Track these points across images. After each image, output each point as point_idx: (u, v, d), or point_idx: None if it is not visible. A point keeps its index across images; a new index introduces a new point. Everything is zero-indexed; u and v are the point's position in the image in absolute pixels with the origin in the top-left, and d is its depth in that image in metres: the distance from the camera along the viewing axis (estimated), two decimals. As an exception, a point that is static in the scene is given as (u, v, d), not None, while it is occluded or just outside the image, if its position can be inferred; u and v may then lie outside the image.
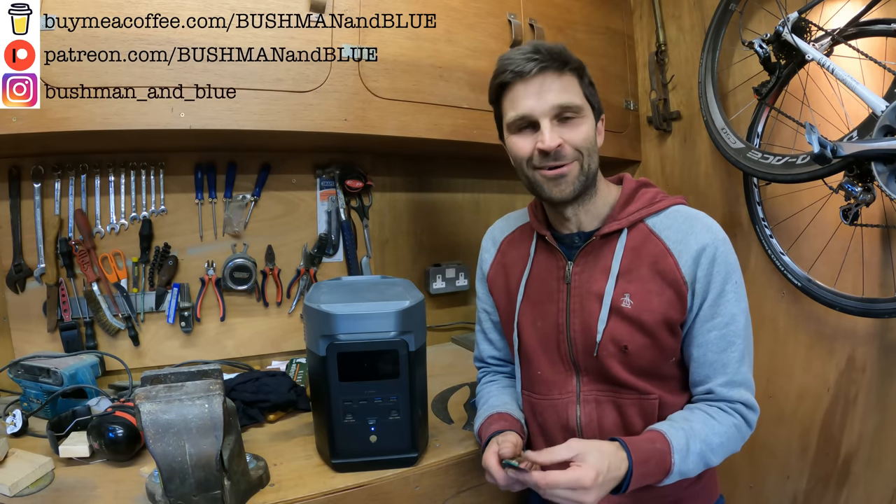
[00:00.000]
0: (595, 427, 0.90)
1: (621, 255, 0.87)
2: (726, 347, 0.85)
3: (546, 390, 0.95)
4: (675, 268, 0.85)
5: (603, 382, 0.90)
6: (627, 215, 0.89)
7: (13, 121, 1.00)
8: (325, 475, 0.95)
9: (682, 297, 0.85)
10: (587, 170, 0.86)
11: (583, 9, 1.63)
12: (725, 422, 0.84)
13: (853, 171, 1.08)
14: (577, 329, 0.90)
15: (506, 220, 1.08)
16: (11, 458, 0.91)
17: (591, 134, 0.87)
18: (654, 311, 0.85)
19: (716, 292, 0.84)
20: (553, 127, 0.84)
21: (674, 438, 0.80)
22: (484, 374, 1.13)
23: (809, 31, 1.22)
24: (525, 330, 0.97)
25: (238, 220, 1.46)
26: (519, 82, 0.84)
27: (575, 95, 0.85)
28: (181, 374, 0.82)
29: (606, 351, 0.87)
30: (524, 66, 0.82)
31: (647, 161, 1.82)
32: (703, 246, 0.84)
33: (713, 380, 0.86)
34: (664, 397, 0.88)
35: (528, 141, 0.86)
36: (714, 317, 0.85)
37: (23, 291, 1.30)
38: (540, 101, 0.83)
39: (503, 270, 1.03)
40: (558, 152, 0.83)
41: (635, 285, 0.86)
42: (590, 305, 0.89)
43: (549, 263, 0.95)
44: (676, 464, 0.78)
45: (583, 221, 0.92)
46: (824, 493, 1.35)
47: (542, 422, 0.96)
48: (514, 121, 0.86)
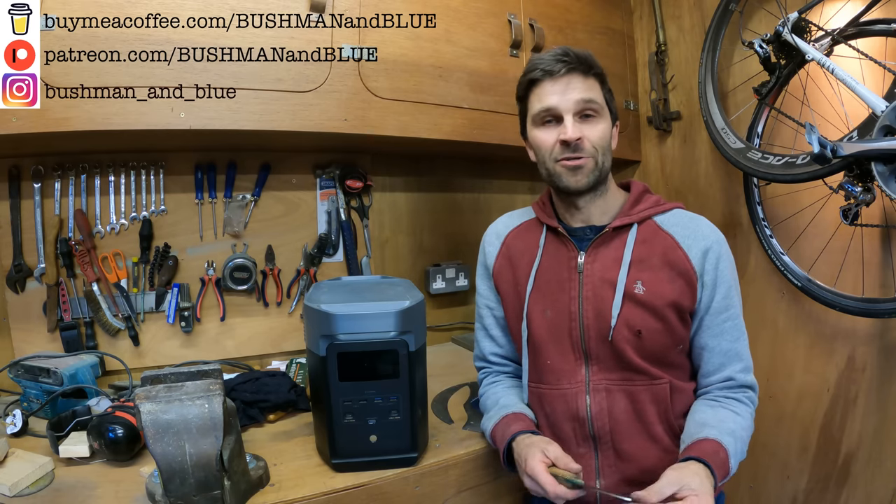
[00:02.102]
0: (605, 416, 0.92)
1: (632, 247, 0.93)
2: (739, 336, 0.93)
3: (555, 380, 0.96)
4: (686, 259, 0.91)
5: (614, 370, 0.92)
6: (637, 212, 0.96)
7: (13, 121, 1.00)
8: (325, 475, 0.95)
9: (692, 286, 0.91)
10: (601, 166, 0.93)
11: (583, 9, 1.63)
12: (746, 414, 0.90)
13: (853, 171, 1.08)
14: (590, 316, 0.93)
15: (509, 216, 1.11)
16: (11, 458, 0.91)
17: (608, 134, 0.95)
18: (665, 296, 0.90)
19: (726, 286, 0.91)
20: (575, 122, 0.91)
21: (728, 444, 0.84)
22: (486, 374, 1.12)
23: (809, 31, 1.22)
24: (534, 320, 0.98)
25: (238, 220, 1.46)
26: (548, 80, 0.92)
27: (597, 96, 0.93)
28: (181, 374, 0.82)
29: (621, 335, 0.91)
30: (554, 66, 0.91)
31: (647, 161, 1.82)
32: (710, 243, 0.92)
33: (730, 367, 0.92)
34: (674, 382, 0.93)
35: (552, 134, 0.93)
36: (728, 308, 0.92)
37: (23, 291, 1.30)
38: (565, 97, 0.91)
39: (509, 263, 1.05)
40: (577, 145, 0.91)
41: (647, 273, 0.92)
42: (603, 292, 0.93)
43: (560, 254, 0.98)
44: (733, 468, 0.84)
45: (593, 215, 0.97)
46: (824, 493, 1.35)
47: (549, 412, 0.97)
48: (539, 113, 0.94)
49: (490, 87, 1.42)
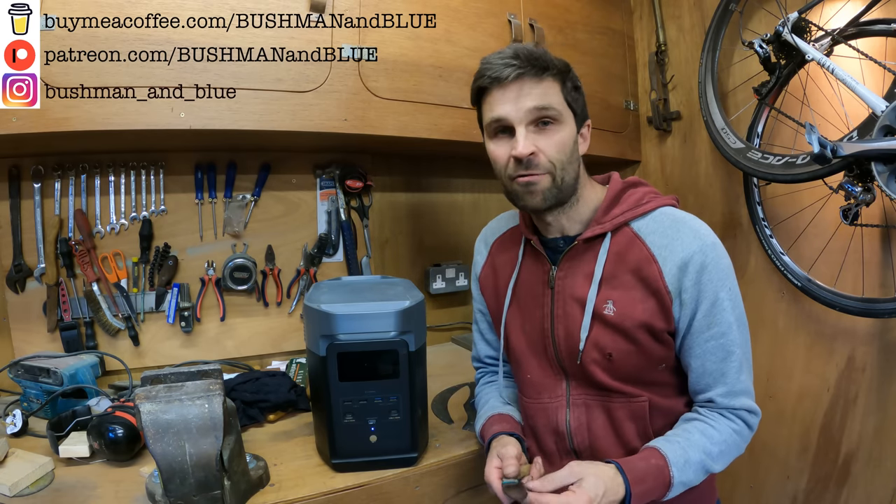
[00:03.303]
0: (585, 431, 0.89)
1: (604, 261, 0.85)
2: (725, 357, 0.83)
3: (536, 394, 0.94)
4: (659, 276, 0.82)
5: (590, 387, 0.89)
6: (611, 219, 0.86)
7: (13, 121, 1.00)
8: (325, 475, 0.95)
9: (664, 306, 0.82)
10: (560, 183, 0.83)
11: (583, 9, 1.63)
12: (724, 429, 0.83)
13: (853, 171, 1.08)
14: (560, 335, 0.89)
15: (497, 220, 1.07)
16: (11, 458, 0.91)
17: (569, 143, 0.84)
18: (636, 318, 0.83)
19: (709, 302, 0.81)
20: (528, 134, 0.81)
21: (669, 452, 0.79)
22: (482, 374, 1.13)
23: (809, 31, 1.22)
24: (514, 333, 0.96)
25: (238, 220, 1.46)
26: (496, 87, 0.82)
27: (554, 100, 0.82)
28: (181, 374, 0.82)
29: (590, 358, 0.86)
30: (501, 72, 0.80)
31: (647, 161, 1.82)
32: (690, 255, 0.81)
33: (713, 389, 0.84)
34: (654, 400, 0.86)
35: (504, 148, 0.84)
36: (710, 327, 0.82)
37: (23, 291, 1.30)
38: (516, 106, 0.81)
39: (493, 273, 1.02)
40: (531, 160, 0.81)
41: (618, 292, 0.84)
42: (573, 311, 0.87)
43: (536, 268, 0.93)
44: (676, 476, 0.78)
45: (565, 226, 0.89)
46: (824, 493, 1.35)
47: (532, 424, 0.96)
48: (490, 123, 0.85)
49: (490, 87, 1.42)
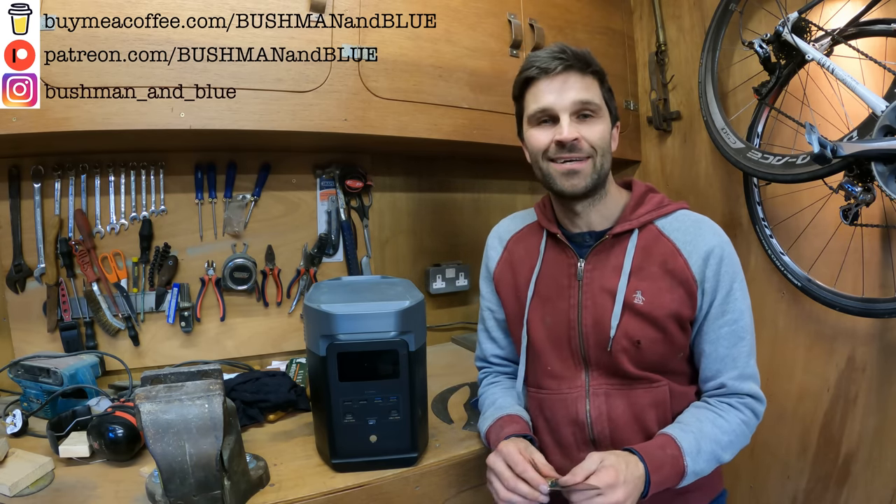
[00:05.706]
0: (605, 420, 0.92)
1: (633, 254, 0.91)
2: (736, 342, 0.89)
3: (555, 385, 0.96)
4: (686, 267, 0.89)
5: (613, 376, 0.92)
6: (638, 217, 0.93)
7: (13, 121, 1.00)
8: (325, 475, 0.95)
9: (692, 294, 0.89)
10: (599, 168, 0.90)
11: (583, 9, 1.63)
12: (733, 419, 0.88)
13: (853, 171, 1.08)
14: (588, 324, 0.92)
15: (512, 219, 1.10)
16: (11, 458, 0.91)
17: (607, 134, 0.91)
18: (665, 306, 0.88)
19: (725, 291, 0.88)
20: (572, 122, 0.88)
21: (684, 441, 0.83)
22: (486, 374, 1.13)
23: (809, 31, 1.22)
24: (534, 326, 0.98)
25: (238, 220, 1.46)
26: (543, 78, 0.89)
27: (595, 95, 0.90)
28: (181, 374, 0.82)
29: (619, 346, 0.89)
30: (549, 64, 0.87)
31: (647, 161, 1.82)
32: (711, 247, 0.88)
33: (724, 374, 0.90)
34: (672, 386, 0.91)
35: (547, 133, 0.90)
36: (724, 314, 0.89)
37: (23, 291, 1.30)
38: (561, 96, 0.88)
39: (510, 268, 1.04)
40: (574, 145, 0.88)
41: (647, 283, 0.89)
42: (602, 302, 0.91)
43: (560, 260, 0.97)
44: (689, 465, 0.82)
45: (593, 221, 0.95)
46: (824, 493, 1.35)
47: (549, 416, 0.97)
48: (535, 113, 0.91)
49: (490, 87, 1.42)
